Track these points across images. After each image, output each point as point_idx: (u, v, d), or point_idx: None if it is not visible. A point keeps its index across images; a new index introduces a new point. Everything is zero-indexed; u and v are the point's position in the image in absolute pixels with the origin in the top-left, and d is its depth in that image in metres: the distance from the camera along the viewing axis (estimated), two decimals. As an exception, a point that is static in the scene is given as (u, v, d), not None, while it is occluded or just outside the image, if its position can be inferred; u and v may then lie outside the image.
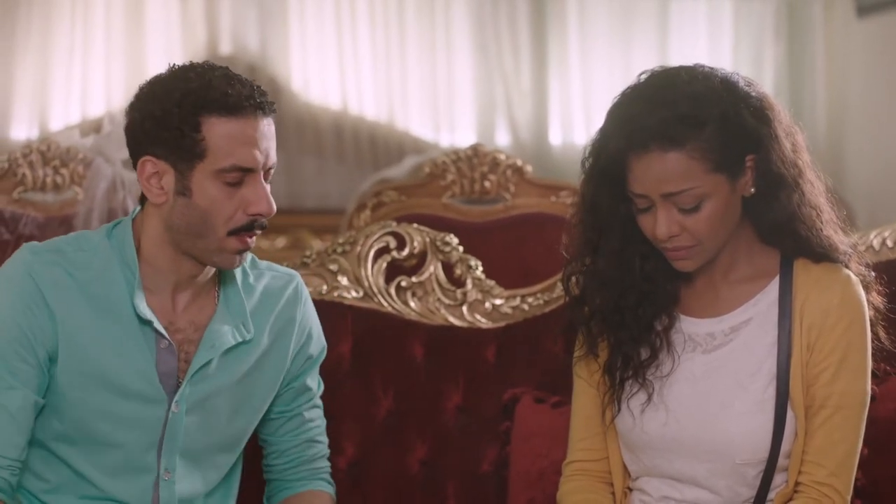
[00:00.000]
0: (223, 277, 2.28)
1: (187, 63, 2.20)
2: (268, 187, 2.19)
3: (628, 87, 2.17)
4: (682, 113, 2.08)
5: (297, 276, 2.38)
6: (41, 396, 2.16)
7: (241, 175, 2.15)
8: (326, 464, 2.44)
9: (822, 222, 2.19)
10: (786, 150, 2.15)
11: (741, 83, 2.14)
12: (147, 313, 2.18)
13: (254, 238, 2.20)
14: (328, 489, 2.43)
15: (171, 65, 2.20)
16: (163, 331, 2.19)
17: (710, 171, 2.09)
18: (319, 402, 2.43)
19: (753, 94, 2.14)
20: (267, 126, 2.17)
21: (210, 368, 2.23)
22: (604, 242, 2.20)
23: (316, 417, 2.42)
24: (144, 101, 2.16)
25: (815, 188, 2.20)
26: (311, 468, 2.42)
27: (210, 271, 2.25)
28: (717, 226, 2.13)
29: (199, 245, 2.18)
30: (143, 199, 2.22)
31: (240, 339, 2.25)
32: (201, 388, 2.23)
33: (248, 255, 2.26)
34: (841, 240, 2.22)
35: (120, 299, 2.18)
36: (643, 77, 2.17)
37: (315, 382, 2.42)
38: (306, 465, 2.42)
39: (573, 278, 2.28)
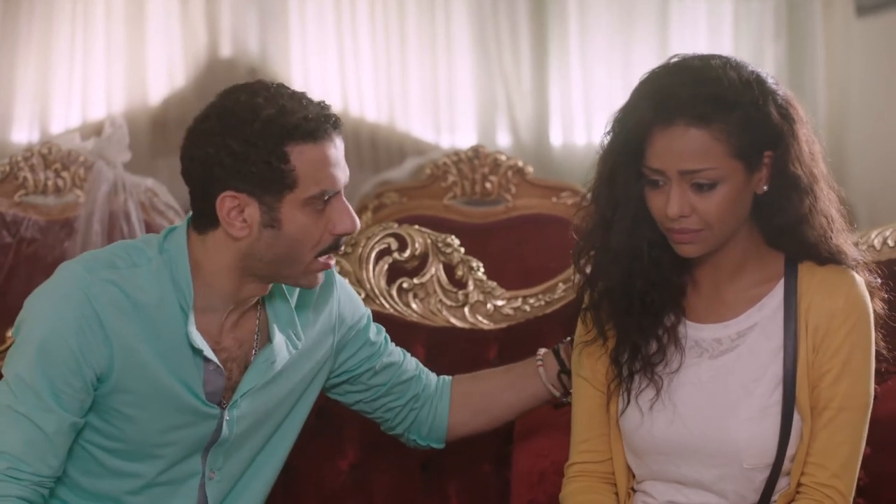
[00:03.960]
0: None
1: (239, 84, 2.12)
2: None
3: (658, 66, 2.15)
4: (713, 92, 2.08)
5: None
6: (81, 417, 2.12)
7: (328, 198, 2.11)
8: (423, 368, 2.44)
9: (833, 231, 2.19)
10: (804, 154, 2.15)
11: (769, 80, 2.15)
12: (198, 341, 2.13)
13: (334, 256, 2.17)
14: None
15: (224, 91, 2.12)
16: (213, 357, 2.15)
17: (730, 156, 2.08)
18: (387, 346, 2.40)
19: (780, 92, 2.14)
20: (341, 143, 2.13)
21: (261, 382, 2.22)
22: (617, 217, 2.18)
23: (393, 361, 2.40)
24: (216, 135, 2.07)
25: (829, 198, 2.20)
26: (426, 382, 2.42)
27: (265, 287, 2.20)
28: (727, 213, 2.12)
29: (284, 272, 2.14)
30: (194, 217, 2.15)
31: (294, 351, 2.23)
32: (252, 398, 2.21)
33: None
34: (851, 248, 2.21)
35: (172, 322, 2.13)
36: (674, 59, 2.16)
37: (375, 337, 2.38)
38: (425, 389, 2.42)
39: (583, 261, 2.27)
